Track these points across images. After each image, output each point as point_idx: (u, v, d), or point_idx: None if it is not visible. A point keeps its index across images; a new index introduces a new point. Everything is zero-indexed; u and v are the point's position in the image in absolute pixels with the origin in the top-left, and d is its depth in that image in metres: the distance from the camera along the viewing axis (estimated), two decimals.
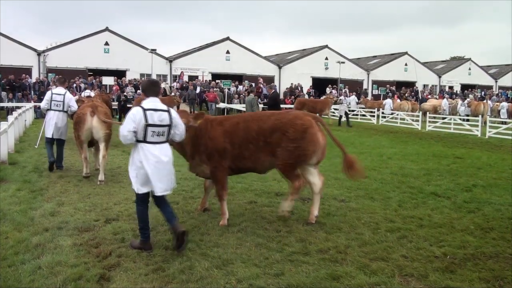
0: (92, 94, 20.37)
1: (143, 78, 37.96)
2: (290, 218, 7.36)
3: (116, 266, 5.42)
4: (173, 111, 6.14)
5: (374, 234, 6.62)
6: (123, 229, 6.74)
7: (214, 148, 7.07)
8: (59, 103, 11.07)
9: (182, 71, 41.34)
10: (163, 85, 34.69)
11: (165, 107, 6.01)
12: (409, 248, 6.09)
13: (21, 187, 9.29)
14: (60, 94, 11.17)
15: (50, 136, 11.18)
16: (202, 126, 7.09)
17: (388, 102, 37.23)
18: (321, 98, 34.42)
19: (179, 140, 6.31)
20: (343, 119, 28.49)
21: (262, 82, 39.57)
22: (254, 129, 7.06)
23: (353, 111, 33.09)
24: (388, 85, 47.29)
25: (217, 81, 39.46)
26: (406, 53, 53.48)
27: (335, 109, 30.71)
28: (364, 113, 33.33)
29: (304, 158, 7.03)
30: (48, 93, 11.33)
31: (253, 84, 37.90)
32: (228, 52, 44.52)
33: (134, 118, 5.76)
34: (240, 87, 39.20)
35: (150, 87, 6.19)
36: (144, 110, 5.79)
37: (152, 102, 5.96)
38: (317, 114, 25.86)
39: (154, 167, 5.78)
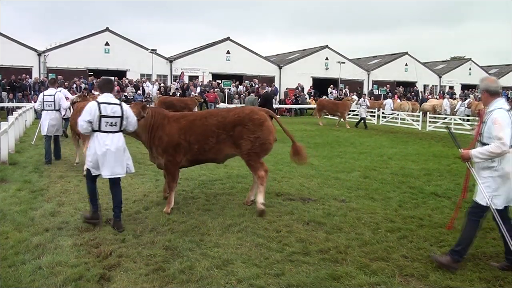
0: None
1: (143, 79, 38.03)
2: (291, 219, 7.37)
3: (116, 266, 5.43)
4: (125, 105, 7.09)
5: (375, 234, 6.63)
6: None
7: (169, 143, 7.79)
8: (50, 103, 12.00)
9: (182, 71, 41.31)
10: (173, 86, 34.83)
11: (117, 101, 6.97)
12: (409, 248, 6.10)
13: (22, 187, 9.29)
14: (50, 95, 12.12)
15: (46, 133, 12.07)
16: (159, 122, 7.91)
17: (388, 102, 37.21)
18: (341, 100, 33.74)
19: (132, 130, 7.28)
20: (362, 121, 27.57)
21: (257, 83, 39.58)
22: (214, 124, 7.82)
23: (353, 111, 33.06)
24: (387, 85, 47.21)
25: (217, 81, 39.45)
26: (406, 53, 53.48)
27: (352, 111, 30.52)
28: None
29: (266, 147, 7.86)
30: (40, 95, 12.32)
31: (253, 84, 37.92)
32: (228, 52, 44.50)
33: (90, 110, 6.76)
34: (241, 87, 39.19)
35: (105, 85, 7.21)
36: (99, 103, 6.77)
37: (106, 97, 6.91)
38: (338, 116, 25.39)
39: (103, 154, 6.74)
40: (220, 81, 38.44)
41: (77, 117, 8.61)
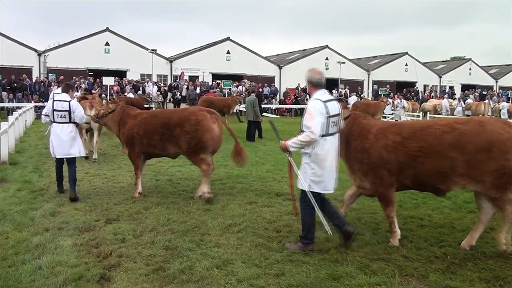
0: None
1: (143, 79, 38.03)
2: (291, 219, 7.36)
3: (116, 266, 5.43)
4: (73, 102, 9.05)
5: (375, 235, 6.62)
6: (123, 229, 6.73)
7: (128, 136, 8.99)
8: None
9: (182, 71, 41.30)
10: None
11: (68, 99, 8.89)
12: (409, 248, 6.09)
13: (22, 187, 9.30)
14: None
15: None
16: (125, 118, 9.20)
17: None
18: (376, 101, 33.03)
19: (79, 121, 9.08)
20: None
21: (247, 81, 39.56)
22: (159, 123, 8.71)
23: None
24: (388, 85, 47.19)
25: (217, 81, 39.44)
26: (406, 53, 53.49)
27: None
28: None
29: (202, 145, 8.48)
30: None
31: (254, 84, 37.90)
32: (228, 52, 44.51)
33: (48, 106, 9.06)
34: (240, 87, 39.18)
35: (66, 87, 9.18)
36: (54, 100, 8.84)
37: (61, 95, 8.91)
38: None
39: (55, 140, 8.81)
40: (220, 81, 38.40)
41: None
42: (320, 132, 5.67)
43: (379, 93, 43.57)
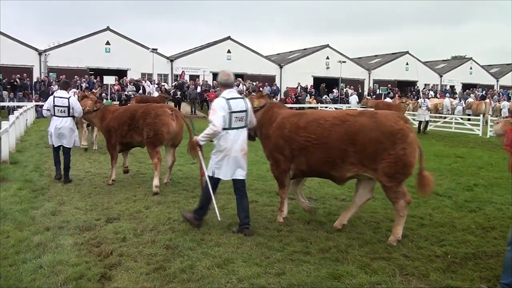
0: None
1: (144, 78, 38.05)
2: (291, 218, 7.36)
3: (117, 265, 5.43)
4: (72, 99, 10.34)
5: (375, 234, 6.62)
6: (124, 228, 6.73)
7: (106, 129, 10.19)
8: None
9: (183, 71, 41.33)
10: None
11: (67, 96, 10.21)
12: (410, 247, 6.09)
13: (22, 187, 9.30)
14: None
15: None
16: (105, 115, 10.40)
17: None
18: (396, 101, 31.86)
19: (78, 115, 10.63)
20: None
21: (241, 80, 39.51)
22: (128, 116, 9.78)
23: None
24: (388, 85, 47.14)
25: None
26: (407, 52, 53.44)
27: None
28: None
29: (159, 137, 9.30)
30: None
31: (255, 83, 37.89)
32: (229, 51, 44.52)
33: (48, 101, 10.33)
34: (241, 86, 39.15)
35: (63, 84, 10.67)
36: (54, 97, 10.23)
37: (60, 93, 10.26)
38: None
39: (54, 131, 10.11)
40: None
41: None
42: (222, 125, 6.48)
43: (380, 92, 43.57)
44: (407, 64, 52.49)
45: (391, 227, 6.90)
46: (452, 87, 53.55)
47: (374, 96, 42.69)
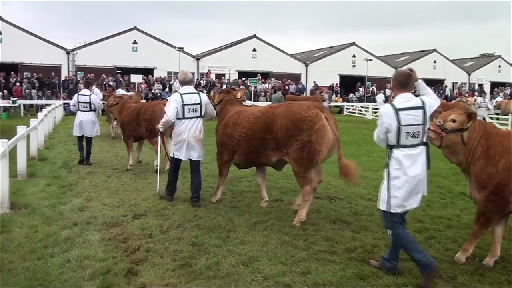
0: (128, 92, 20.45)
1: (170, 76, 38.32)
2: (317, 217, 7.33)
3: (143, 261, 5.48)
4: (93, 96, 12.24)
5: None
6: (150, 224, 6.80)
7: (122, 123, 12.31)
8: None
9: (209, 69, 41.52)
10: None
11: (89, 93, 12.13)
12: (437, 249, 6.01)
13: (51, 183, 9.45)
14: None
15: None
16: (122, 110, 12.19)
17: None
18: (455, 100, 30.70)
19: (98, 109, 12.72)
20: None
21: (259, 78, 39.44)
22: (135, 113, 11.49)
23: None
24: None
25: (243, 78, 39.47)
26: (435, 50, 52.72)
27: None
28: None
29: (155, 131, 9.67)
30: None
31: (280, 82, 37.83)
32: (254, 50, 44.54)
33: (74, 99, 12.39)
34: (266, 84, 39.14)
35: (86, 84, 13.09)
36: (78, 95, 12.25)
37: (84, 91, 12.24)
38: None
39: (78, 123, 11.99)
40: (246, 79, 38.42)
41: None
42: (174, 115, 7.84)
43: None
44: (434, 62, 51.77)
45: (418, 227, 6.85)
46: (480, 85, 52.48)
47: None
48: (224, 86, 35.57)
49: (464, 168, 5.76)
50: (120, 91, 20.18)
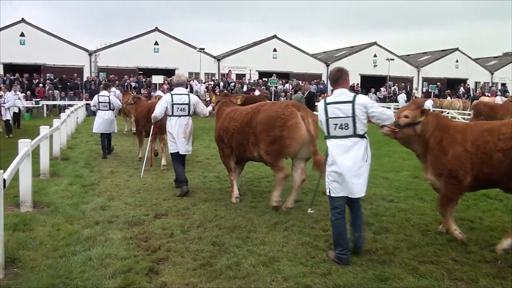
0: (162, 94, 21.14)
1: (192, 77, 38.52)
2: None
3: (164, 260, 5.52)
4: (111, 96, 13.72)
5: (424, 236, 6.46)
6: (171, 224, 6.85)
7: (135, 120, 14.52)
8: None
9: (229, 70, 41.66)
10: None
11: (108, 94, 13.51)
12: (459, 251, 5.92)
13: (73, 182, 9.59)
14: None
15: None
16: (136, 108, 14.15)
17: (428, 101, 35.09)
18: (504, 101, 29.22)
19: (117, 108, 14.22)
20: None
21: (275, 77, 39.21)
22: (144, 111, 12.81)
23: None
24: (438, 83, 45.90)
25: (263, 79, 39.48)
26: (457, 49, 52.04)
27: None
28: None
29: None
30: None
31: (300, 82, 37.74)
32: (275, 50, 44.55)
33: (94, 100, 13.72)
34: (287, 85, 39.08)
35: (105, 86, 14.66)
36: (98, 95, 13.59)
37: (103, 92, 13.72)
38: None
39: (99, 121, 13.40)
40: (266, 79, 38.41)
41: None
42: (161, 113, 9.01)
43: (429, 90, 42.50)
44: (457, 61, 51.10)
45: (440, 230, 6.75)
46: (503, 84, 51.56)
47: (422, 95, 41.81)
48: (245, 87, 35.66)
49: (419, 155, 6.49)
50: (159, 93, 22.97)
